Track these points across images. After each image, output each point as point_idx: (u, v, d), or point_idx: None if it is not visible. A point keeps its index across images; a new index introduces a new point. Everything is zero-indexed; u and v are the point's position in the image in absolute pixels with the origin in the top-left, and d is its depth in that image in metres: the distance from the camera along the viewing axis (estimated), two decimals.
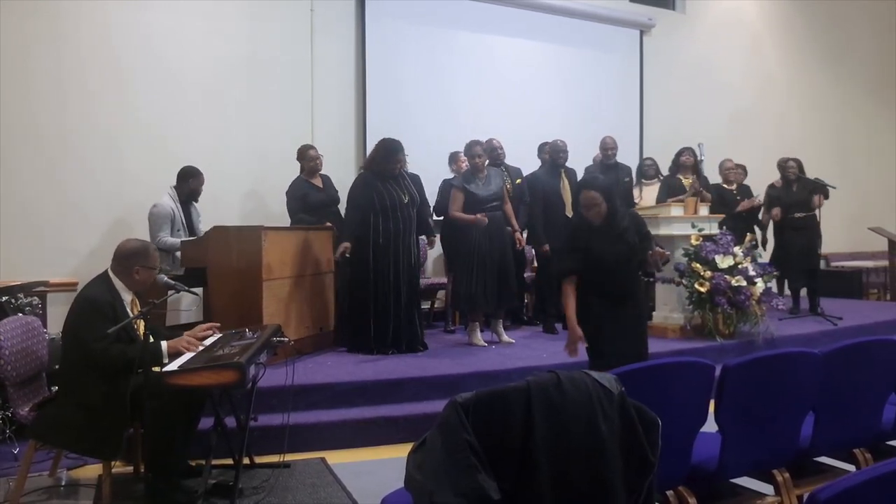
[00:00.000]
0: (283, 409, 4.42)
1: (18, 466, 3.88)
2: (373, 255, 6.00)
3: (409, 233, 6.15)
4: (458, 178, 6.54)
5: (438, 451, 2.08)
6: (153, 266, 3.92)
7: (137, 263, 3.86)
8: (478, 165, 6.35)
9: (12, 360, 3.82)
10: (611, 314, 4.22)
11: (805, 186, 7.94)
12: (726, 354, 6.15)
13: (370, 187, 6.05)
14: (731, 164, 8.39)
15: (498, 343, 6.45)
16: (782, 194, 8.00)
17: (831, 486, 1.56)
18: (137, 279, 3.87)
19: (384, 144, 6.12)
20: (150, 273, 3.91)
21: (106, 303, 3.72)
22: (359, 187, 6.14)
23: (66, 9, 6.62)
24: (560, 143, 7.18)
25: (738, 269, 6.52)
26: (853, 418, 3.43)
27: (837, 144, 11.83)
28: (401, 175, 6.18)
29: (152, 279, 3.96)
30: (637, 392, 2.38)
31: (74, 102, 6.65)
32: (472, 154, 6.37)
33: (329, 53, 7.96)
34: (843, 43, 12.17)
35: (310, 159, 6.78)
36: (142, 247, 3.95)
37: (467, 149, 6.47)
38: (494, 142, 7.21)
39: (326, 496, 3.87)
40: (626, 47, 10.01)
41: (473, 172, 6.38)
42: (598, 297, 4.24)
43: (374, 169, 6.13)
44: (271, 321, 5.12)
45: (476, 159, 6.35)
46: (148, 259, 3.90)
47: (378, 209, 6.02)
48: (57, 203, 6.57)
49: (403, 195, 6.11)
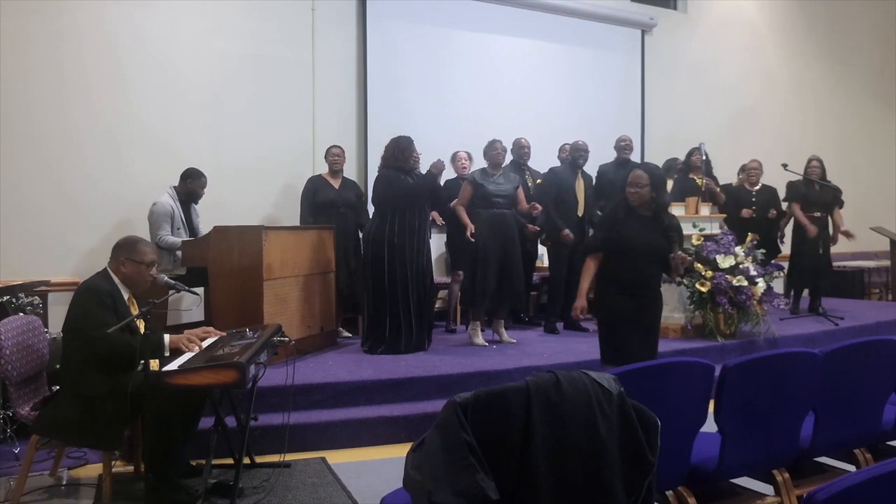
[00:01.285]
0: (284, 408, 4.42)
1: (19, 466, 3.89)
2: (387, 252, 5.97)
3: (424, 230, 6.16)
4: (475, 171, 6.57)
5: (437, 450, 2.08)
6: (140, 260, 3.88)
7: (122, 255, 3.87)
8: (496, 158, 6.42)
9: (13, 360, 3.82)
10: (628, 309, 4.23)
11: (828, 190, 7.91)
12: (727, 354, 6.16)
13: (397, 181, 6.02)
14: (755, 164, 8.36)
15: (499, 343, 6.46)
16: (807, 191, 7.93)
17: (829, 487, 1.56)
18: (124, 272, 3.86)
19: (398, 141, 6.12)
20: (136, 267, 3.87)
21: (106, 292, 3.74)
22: (382, 183, 6.12)
23: (66, 8, 6.62)
24: (581, 143, 7.21)
25: (739, 269, 6.52)
26: (854, 418, 3.43)
27: (839, 144, 11.80)
28: (417, 171, 6.18)
29: (141, 276, 3.91)
30: (637, 392, 2.38)
31: (75, 102, 6.65)
32: (493, 148, 6.45)
33: (330, 53, 7.96)
34: (845, 43, 12.16)
35: (328, 156, 6.93)
36: (130, 239, 3.96)
37: (490, 144, 6.49)
38: (522, 140, 7.31)
39: (327, 496, 3.87)
40: (627, 47, 10.00)
41: (490, 168, 6.43)
42: (617, 289, 4.24)
43: (393, 165, 6.12)
44: (272, 321, 5.13)
45: (495, 153, 6.43)
46: (133, 252, 3.88)
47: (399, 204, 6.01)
48: (57, 203, 6.57)
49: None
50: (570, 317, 7.25)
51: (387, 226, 6.00)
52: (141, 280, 3.93)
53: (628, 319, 4.24)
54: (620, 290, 4.25)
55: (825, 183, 7.89)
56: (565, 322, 7.26)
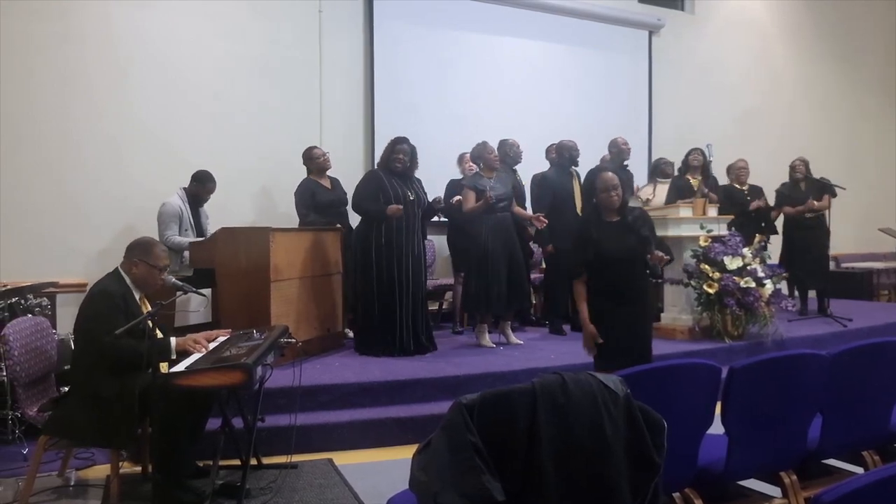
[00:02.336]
0: (291, 409, 4.43)
1: (28, 466, 3.90)
2: (375, 254, 5.98)
3: (414, 231, 6.11)
4: (469, 177, 6.54)
5: (443, 452, 2.08)
6: (153, 264, 3.90)
7: (136, 256, 3.88)
8: (492, 162, 6.38)
9: (21, 361, 3.85)
10: (617, 314, 4.21)
11: (813, 186, 7.93)
12: (735, 356, 6.13)
13: (375, 181, 6.04)
14: (742, 163, 8.37)
15: (506, 344, 6.45)
16: (791, 193, 8.02)
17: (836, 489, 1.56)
18: (136, 273, 3.87)
19: (392, 140, 6.15)
20: (149, 269, 3.89)
21: (118, 294, 3.75)
22: (363, 181, 6.16)
23: (70, 9, 6.64)
24: (569, 143, 7.16)
25: (746, 271, 6.50)
26: (861, 420, 3.41)
27: (846, 144, 11.78)
28: (409, 174, 6.16)
29: (153, 279, 3.93)
30: (643, 394, 2.38)
31: (77, 103, 6.67)
32: (488, 151, 6.40)
33: (337, 54, 7.97)
34: (852, 43, 12.12)
35: (315, 158, 6.75)
36: (147, 241, 3.98)
37: (482, 147, 6.45)
38: (511, 141, 7.25)
39: (333, 497, 3.88)
40: (634, 48, 9.99)
41: (484, 171, 6.39)
42: (605, 297, 4.23)
43: (382, 165, 6.13)
44: (279, 322, 5.13)
45: (491, 156, 6.39)
46: (149, 255, 3.90)
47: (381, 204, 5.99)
48: (63, 205, 6.60)
49: (409, 193, 6.09)
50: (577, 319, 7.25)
51: (374, 225, 6.01)
52: (152, 283, 3.95)
53: (621, 325, 4.22)
54: (609, 298, 4.22)
55: (811, 179, 7.91)
56: (572, 324, 7.25)
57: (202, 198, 6.34)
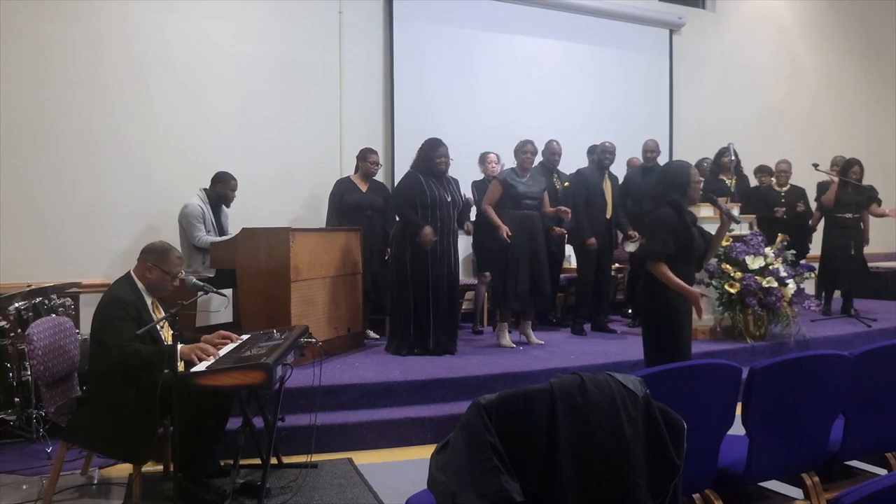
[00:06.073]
0: (311, 409, 4.45)
1: (51, 465, 3.94)
2: (411, 254, 5.97)
3: (449, 233, 6.11)
4: (503, 171, 6.56)
5: (461, 452, 2.08)
6: (168, 270, 3.91)
7: (151, 260, 3.90)
8: (525, 162, 6.39)
9: (45, 360, 3.88)
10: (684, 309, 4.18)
11: (859, 190, 7.82)
12: (757, 356, 6.09)
13: (415, 184, 6.02)
14: (785, 165, 8.28)
15: (526, 344, 6.44)
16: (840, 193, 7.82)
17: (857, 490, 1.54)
18: (149, 277, 3.89)
19: (428, 142, 6.13)
20: (163, 276, 3.91)
21: (129, 302, 3.77)
22: (403, 184, 6.16)
23: (90, 13, 6.68)
24: (608, 145, 7.14)
25: (768, 270, 6.45)
26: (885, 421, 3.38)
27: (867, 142, 11.59)
28: (446, 175, 6.16)
29: (165, 285, 3.95)
30: (663, 394, 2.37)
31: (97, 107, 6.71)
32: (523, 150, 6.41)
33: (357, 55, 7.98)
34: (874, 39, 11.96)
35: (368, 161, 6.79)
36: (163, 247, 3.98)
37: (520, 146, 6.45)
38: (555, 145, 7.26)
39: (353, 496, 3.89)
40: (655, 47, 9.93)
41: (520, 169, 6.40)
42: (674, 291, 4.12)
43: (419, 167, 6.14)
44: (299, 322, 5.16)
45: (525, 155, 6.39)
46: (164, 261, 3.91)
47: (419, 206, 5.98)
48: (85, 207, 6.66)
49: (446, 194, 6.09)
50: (598, 319, 7.24)
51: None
52: (163, 289, 3.97)
53: (684, 320, 4.19)
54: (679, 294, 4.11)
55: (858, 185, 7.79)
56: (593, 324, 7.23)
57: (228, 197, 6.38)
